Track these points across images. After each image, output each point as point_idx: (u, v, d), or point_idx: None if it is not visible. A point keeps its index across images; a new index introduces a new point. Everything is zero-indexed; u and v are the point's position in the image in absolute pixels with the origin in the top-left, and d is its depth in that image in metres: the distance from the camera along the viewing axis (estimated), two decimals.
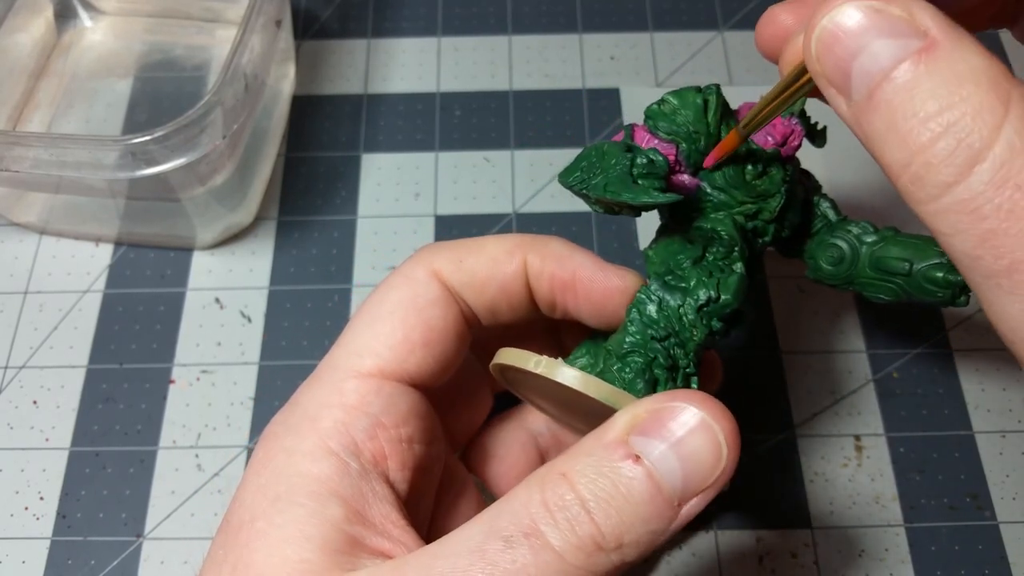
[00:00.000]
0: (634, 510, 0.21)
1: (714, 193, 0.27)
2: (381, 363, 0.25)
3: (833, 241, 0.29)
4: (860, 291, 0.28)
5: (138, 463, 0.36)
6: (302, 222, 0.42)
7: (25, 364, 0.38)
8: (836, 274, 0.29)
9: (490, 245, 0.27)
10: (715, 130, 0.27)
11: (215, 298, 0.40)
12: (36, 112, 0.44)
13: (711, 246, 0.26)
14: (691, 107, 0.27)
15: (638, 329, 0.25)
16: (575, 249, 0.27)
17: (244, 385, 0.38)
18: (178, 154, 0.34)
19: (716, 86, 0.27)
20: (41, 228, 0.41)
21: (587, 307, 0.27)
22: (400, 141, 0.44)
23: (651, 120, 0.27)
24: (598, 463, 0.21)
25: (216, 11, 0.46)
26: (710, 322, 0.25)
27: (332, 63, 0.46)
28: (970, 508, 0.35)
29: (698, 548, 0.34)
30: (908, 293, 0.27)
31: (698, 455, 0.21)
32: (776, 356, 0.38)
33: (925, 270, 0.27)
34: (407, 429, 0.25)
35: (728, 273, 0.25)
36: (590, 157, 0.26)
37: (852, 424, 0.37)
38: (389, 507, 0.24)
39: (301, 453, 0.24)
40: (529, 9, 0.48)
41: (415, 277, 0.26)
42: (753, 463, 0.36)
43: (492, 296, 0.27)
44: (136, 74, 0.45)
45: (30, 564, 0.34)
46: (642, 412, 0.22)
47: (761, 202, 0.27)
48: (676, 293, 0.25)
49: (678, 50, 0.47)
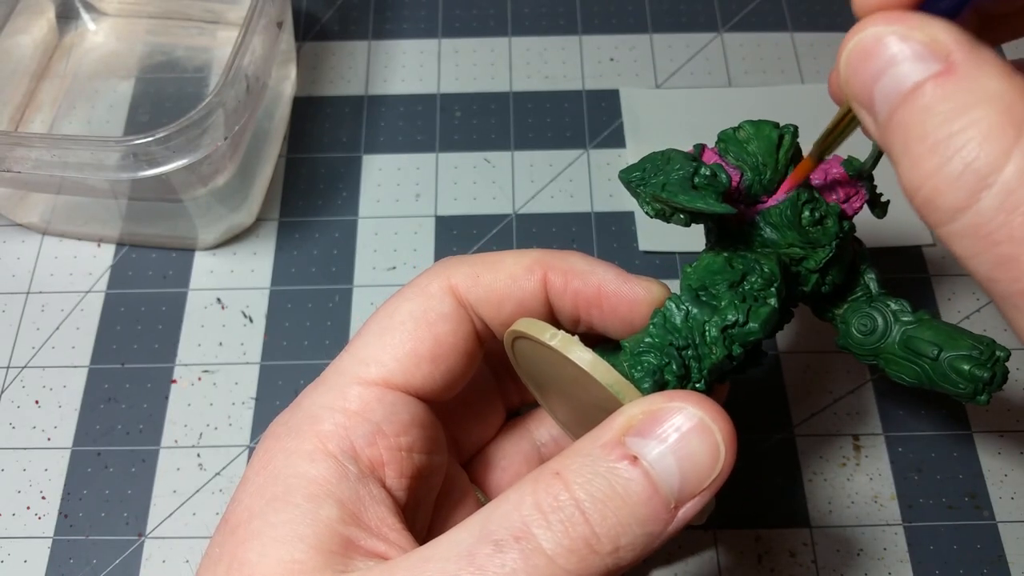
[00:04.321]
0: (631, 511, 0.20)
1: (766, 229, 0.27)
2: (387, 373, 0.25)
3: (868, 311, 0.28)
4: (884, 367, 0.28)
5: (140, 462, 0.36)
6: (303, 223, 0.42)
7: (27, 364, 0.38)
8: (864, 343, 0.28)
9: (508, 261, 0.27)
10: (783, 167, 0.27)
11: (216, 298, 0.40)
12: (38, 113, 0.44)
13: (751, 275, 0.26)
14: (765, 139, 0.27)
15: (659, 332, 0.25)
16: (596, 263, 0.27)
17: (245, 385, 0.38)
18: (180, 155, 0.34)
19: (794, 127, 0.27)
20: (43, 228, 0.41)
21: (614, 321, 0.26)
22: (401, 142, 0.44)
23: (723, 143, 0.27)
24: (594, 463, 0.21)
25: (217, 13, 0.46)
26: (732, 345, 0.25)
27: (333, 64, 0.47)
28: (968, 507, 0.35)
29: (697, 547, 0.34)
30: (931, 379, 0.27)
31: (695, 456, 0.21)
32: (775, 356, 0.38)
33: (953, 359, 0.27)
34: (407, 439, 0.25)
35: (761, 303, 0.25)
36: (655, 160, 0.26)
37: (851, 424, 0.37)
38: (385, 510, 0.23)
39: (300, 454, 0.24)
40: (529, 11, 0.48)
41: (429, 291, 0.26)
42: (752, 463, 0.36)
43: (510, 313, 0.26)
44: (138, 75, 0.46)
45: (32, 563, 0.34)
46: (639, 413, 0.21)
47: (810, 249, 0.27)
48: (706, 308, 0.25)
49: (677, 52, 0.47)
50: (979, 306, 0.39)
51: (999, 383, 0.27)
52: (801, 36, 0.47)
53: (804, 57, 0.46)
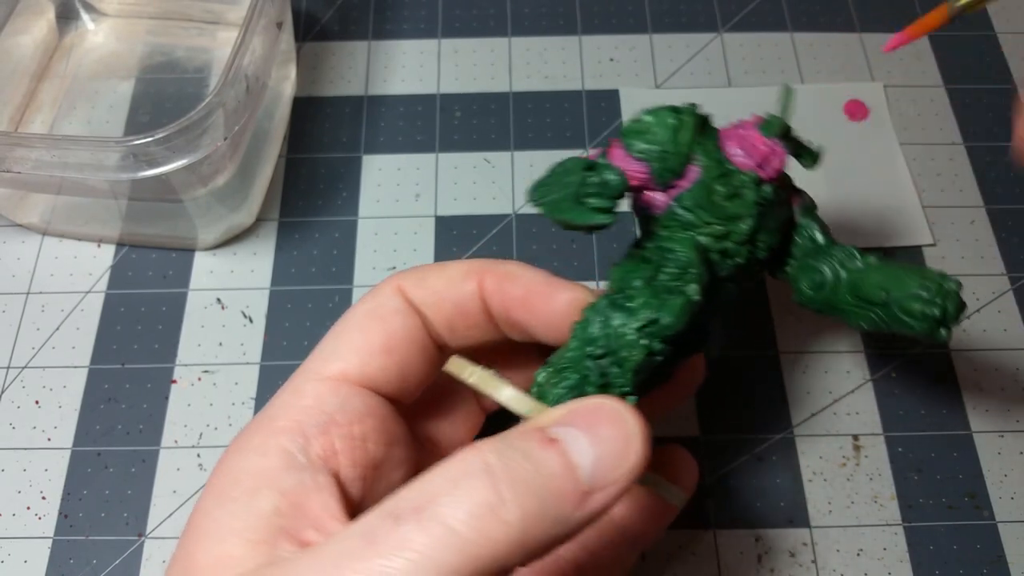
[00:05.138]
0: (542, 483, 0.20)
1: (681, 212, 0.27)
2: (344, 366, 0.26)
3: (816, 265, 0.28)
4: (842, 318, 0.28)
5: (140, 463, 0.36)
6: (303, 223, 0.42)
7: (27, 364, 0.38)
8: (816, 299, 0.28)
9: (451, 267, 0.28)
10: (686, 150, 0.27)
11: (216, 298, 0.40)
12: (38, 113, 0.44)
13: (666, 265, 0.26)
14: (664, 127, 0.27)
15: (577, 345, 0.25)
16: (529, 269, 0.27)
17: (245, 385, 0.38)
18: (180, 155, 0.34)
19: (692, 107, 0.27)
20: (43, 229, 0.41)
21: (540, 325, 0.27)
22: (400, 142, 0.44)
23: (626, 138, 0.27)
24: (512, 440, 0.21)
25: (217, 13, 0.46)
26: (651, 343, 0.25)
27: (333, 65, 0.47)
28: (968, 508, 0.35)
29: (697, 547, 0.34)
30: (887, 323, 0.27)
31: (609, 444, 0.21)
32: (774, 356, 0.38)
33: (902, 300, 0.26)
34: (361, 427, 0.25)
35: (676, 295, 0.25)
36: (556, 173, 0.27)
37: (850, 424, 0.37)
38: (332, 500, 0.23)
39: (251, 449, 0.24)
40: (529, 11, 0.48)
41: (380, 291, 0.28)
42: (752, 463, 0.36)
43: (448, 313, 0.27)
44: (138, 75, 0.46)
45: (32, 563, 0.34)
46: (560, 411, 0.22)
47: (730, 224, 0.27)
48: (621, 312, 0.25)
49: (677, 52, 0.47)
50: (979, 306, 0.39)
51: (953, 316, 0.26)
52: (801, 36, 0.47)
53: (804, 57, 0.46)
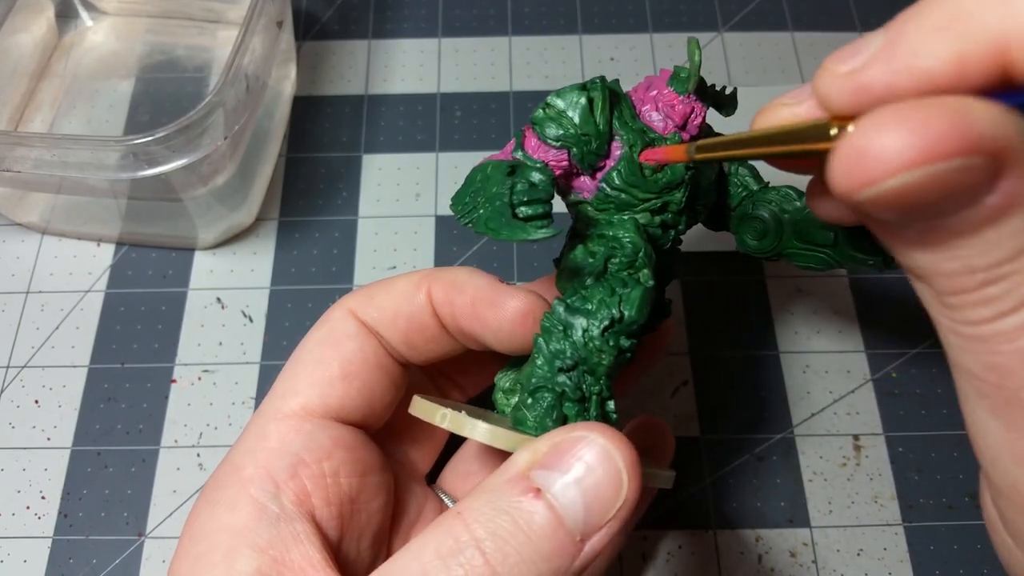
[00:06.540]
0: (534, 547, 0.20)
1: (613, 193, 0.25)
2: (304, 400, 0.25)
3: (756, 213, 0.27)
4: (791, 262, 0.27)
5: (140, 462, 0.36)
6: (303, 222, 0.42)
7: (27, 363, 0.38)
8: (762, 248, 0.27)
9: (400, 281, 0.27)
10: (605, 128, 0.25)
11: (216, 298, 0.40)
12: (38, 113, 0.44)
13: (614, 256, 0.25)
14: (576, 108, 0.25)
15: (545, 361, 0.24)
16: (476, 276, 0.26)
17: (245, 385, 0.38)
18: (180, 155, 0.34)
19: (600, 79, 0.26)
20: (43, 228, 0.41)
21: (486, 332, 0.26)
22: (401, 142, 0.44)
23: (538, 127, 0.25)
24: (497, 499, 0.21)
25: (217, 12, 0.46)
26: (618, 342, 0.24)
27: (333, 64, 0.47)
28: (968, 507, 0.35)
29: (697, 548, 0.34)
30: (838, 263, 0.26)
31: (599, 486, 0.21)
32: (775, 356, 0.38)
33: (852, 238, 0.25)
34: (331, 463, 0.25)
35: (632, 287, 0.24)
36: (475, 182, 0.25)
37: (851, 424, 0.37)
38: (311, 548, 0.23)
39: (221, 505, 0.24)
40: (529, 10, 0.48)
41: (332, 317, 0.27)
42: (752, 463, 0.36)
43: (404, 329, 0.27)
44: (138, 75, 0.45)
45: (32, 563, 0.34)
46: (543, 447, 0.21)
47: (666, 195, 0.25)
48: (579, 316, 0.24)
49: (677, 51, 0.47)
50: None
51: None
52: (801, 36, 0.47)
53: (804, 57, 0.46)
